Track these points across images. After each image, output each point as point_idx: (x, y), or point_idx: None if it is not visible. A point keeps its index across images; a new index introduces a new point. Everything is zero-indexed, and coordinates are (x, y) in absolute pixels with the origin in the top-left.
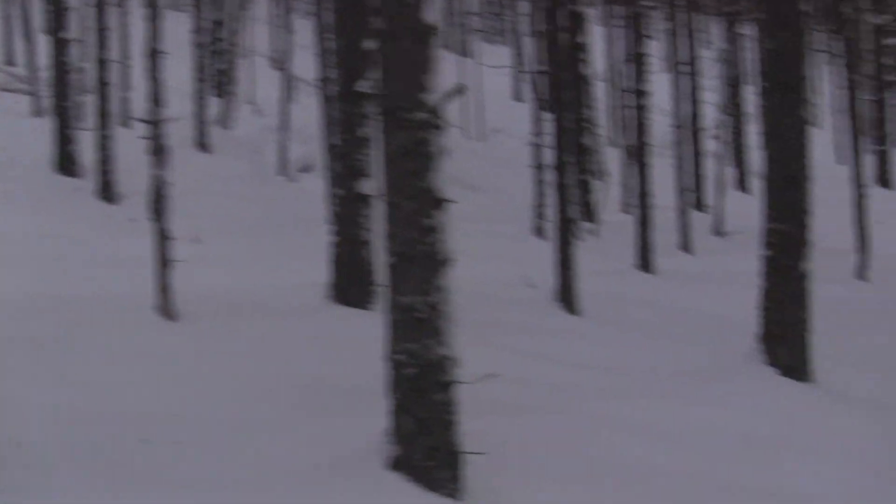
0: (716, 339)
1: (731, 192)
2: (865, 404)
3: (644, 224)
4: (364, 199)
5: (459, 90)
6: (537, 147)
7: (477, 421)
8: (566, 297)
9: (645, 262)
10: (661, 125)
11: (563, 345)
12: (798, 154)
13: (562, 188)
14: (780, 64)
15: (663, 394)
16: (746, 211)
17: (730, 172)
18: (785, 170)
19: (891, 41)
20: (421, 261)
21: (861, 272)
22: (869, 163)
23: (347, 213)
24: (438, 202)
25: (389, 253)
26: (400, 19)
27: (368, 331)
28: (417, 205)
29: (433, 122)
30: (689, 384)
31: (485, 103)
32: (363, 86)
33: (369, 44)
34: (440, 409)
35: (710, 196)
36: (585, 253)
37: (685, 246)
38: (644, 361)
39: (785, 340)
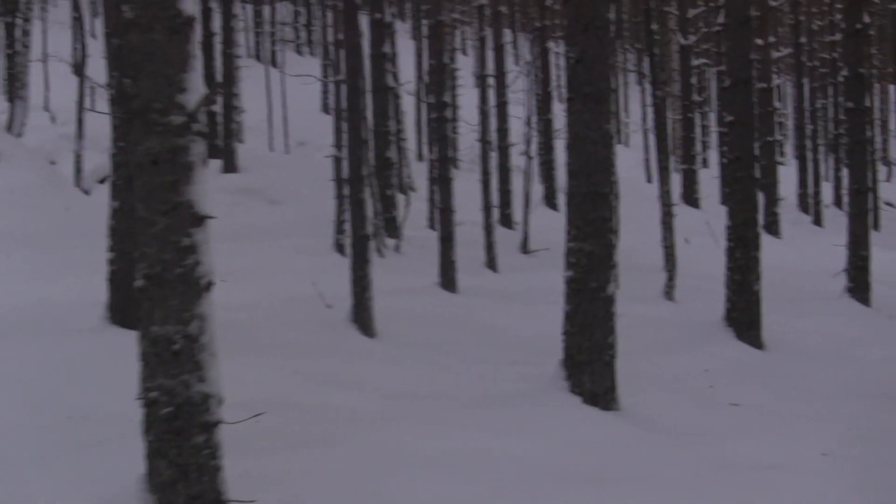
0: (520, 361)
1: (540, 209)
2: (671, 432)
3: (446, 241)
4: None
5: (211, 96)
6: (337, 160)
7: (250, 459)
8: (361, 317)
9: (448, 279)
10: (469, 140)
11: (356, 369)
12: (602, 168)
13: (357, 203)
14: (583, 72)
15: (461, 423)
16: (555, 227)
17: (538, 189)
18: (588, 184)
19: (697, 62)
20: (176, 285)
21: (668, 292)
22: (676, 181)
23: (124, 227)
24: (197, 219)
25: (140, 276)
26: (151, 8)
27: None
28: (172, 221)
29: (191, 128)
30: (489, 412)
31: (291, 115)
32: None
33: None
34: (201, 454)
35: (517, 213)
36: (387, 270)
37: (491, 263)
38: (442, 386)
39: (589, 366)
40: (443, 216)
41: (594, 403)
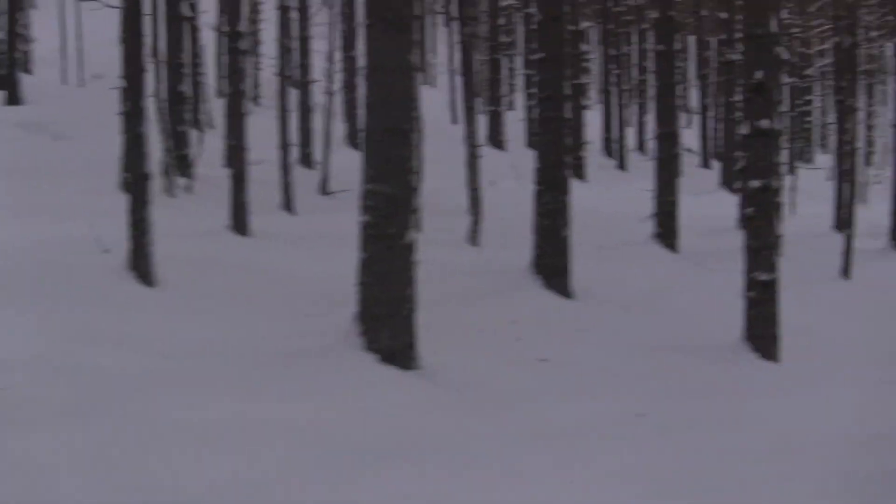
0: (315, 314)
1: (343, 149)
2: (477, 394)
3: (238, 180)
4: None
5: None
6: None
7: None
8: (140, 264)
9: (239, 222)
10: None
11: (129, 323)
12: (403, 102)
13: (135, 139)
14: None
15: (240, 386)
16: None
17: (341, 128)
18: (387, 120)
19: (506, 2)
20: None
21: (473, 237)
22: (482, 123)
23: None
24: None
25: None
26: None
27: None
28: None
29: None
30: (273, 373)
31: (87, 46)
32: None
33: None
34: None
35: (318, 152)
36: (176, 212)
37: (287, 205)
38: (226, 343)
39: (386, 321)
40: (235, 154)
41: (392, 362)
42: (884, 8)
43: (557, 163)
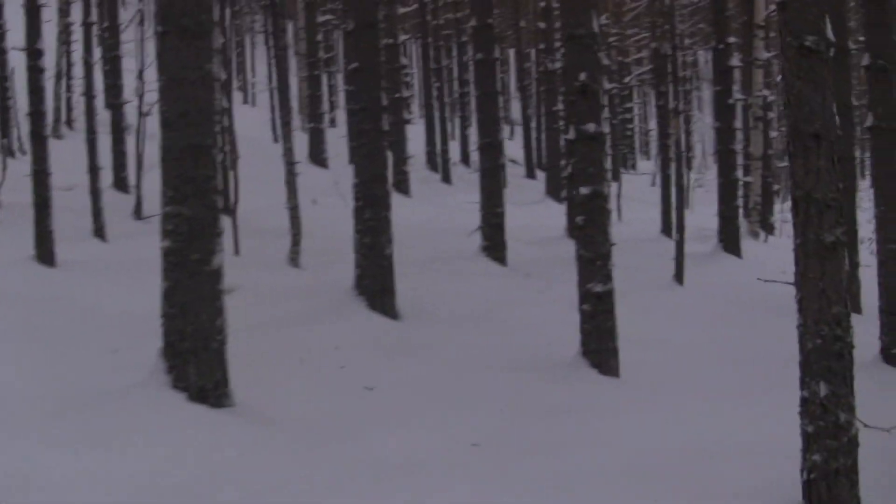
0: (122, 348)
1: (157, 170)
2: (299, 429)
3: (41, 208)
4: None
5: None
6: None
7: None
8: None
9: (44, 252)
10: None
11: None
12: (203, 116)
13: None
14: (179, 2)
15: (20, 436)
16: None
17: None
18: (186, 136)
19: (323, 18)
20: None
21: (293, 258)
22: (303, 141)
23: None
24: None
25: None
26: None
27: None
28: None
29: None
30: (65, 419)
31: None
32: None
33: None
34: None
35: (132, 175)
36: None
37: (99, 231)
38: (23, 384)
39: (194, 356)
40: (36, 179)
41: (202, 400)
42: (696, 16)
43: (377, 177)
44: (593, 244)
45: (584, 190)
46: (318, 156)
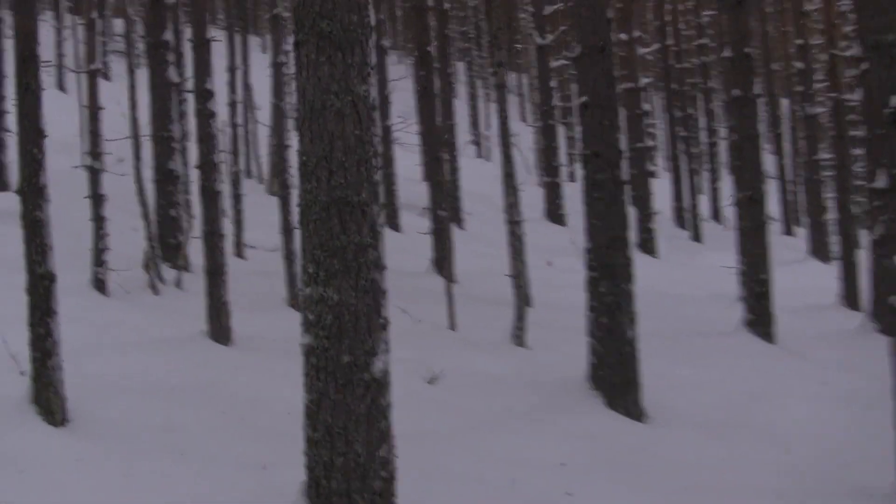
0: (273, 462)
1: None
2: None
3: (214, 275)
4: None
5: None
6: (93, 171)
7: None
8: (43, 395)
9: (218, 327)
10: None
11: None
12: (352, 160)
13: (34, 224)
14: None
15: None
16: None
17: None
18: (329, 191)
19: (557, 63)
20: None
21: (518, 334)
22: (538, 196)
23: None
24: None
25: None
26: None
27: None
28: None
29: None
30: None
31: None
32: None
33: None
34: None
35: None
36: (150, 314)
37: (295, 300)
38: None
39: (345, 498)
40: (208, 242)
41: None
42: None
43: (614, 240)
44: None
45: None
46: (554, 212)
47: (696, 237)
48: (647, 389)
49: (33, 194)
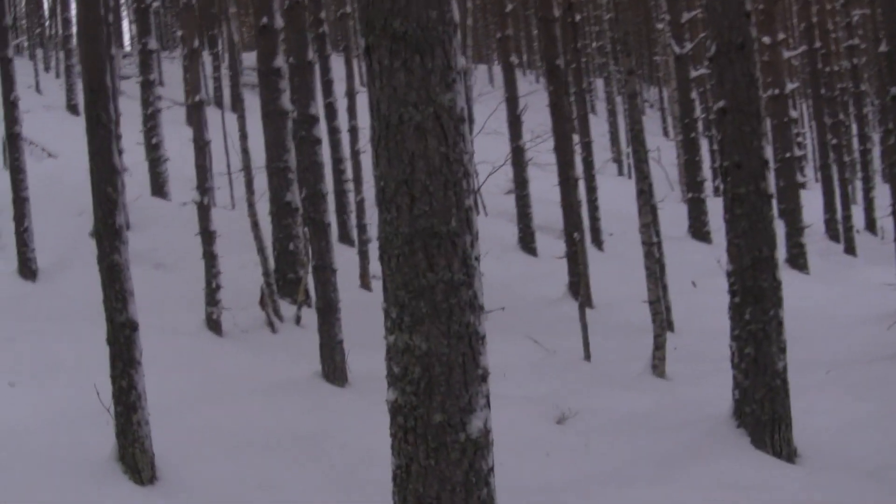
0: None
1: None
2: None
3: (327, 312)
4: None
5: None
6: (202, 207)
7: None
8: (129, 452)
9: (331, 368)
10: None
11: None
12: (437, 184)
13: (111, 268)
14: None
15: None
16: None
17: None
18: (411, 221)
19: (696, 73)
20: None
21: (657, 365)
22: (682, 213)
23: None
24: None
25: None
26: None
27: None
28: None
29: None
30: None
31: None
32: None
33: None
34: None
35: None
36: (267, 353)
37: None
38: None
39: None
40: (319, 277)
41: None
42: None
43: (760, 261)
44: None
45: None
46: (699, 229)
47: (850, 250)
48: (799, 427)
49: (110, 236)
